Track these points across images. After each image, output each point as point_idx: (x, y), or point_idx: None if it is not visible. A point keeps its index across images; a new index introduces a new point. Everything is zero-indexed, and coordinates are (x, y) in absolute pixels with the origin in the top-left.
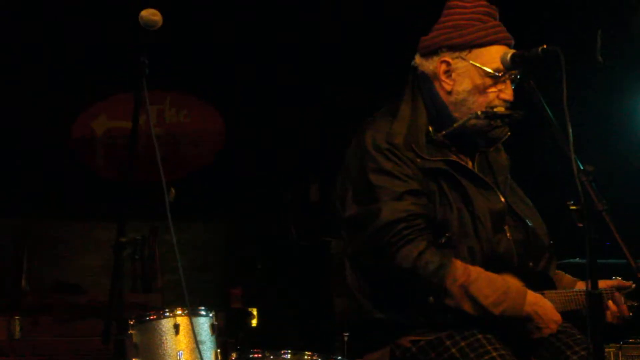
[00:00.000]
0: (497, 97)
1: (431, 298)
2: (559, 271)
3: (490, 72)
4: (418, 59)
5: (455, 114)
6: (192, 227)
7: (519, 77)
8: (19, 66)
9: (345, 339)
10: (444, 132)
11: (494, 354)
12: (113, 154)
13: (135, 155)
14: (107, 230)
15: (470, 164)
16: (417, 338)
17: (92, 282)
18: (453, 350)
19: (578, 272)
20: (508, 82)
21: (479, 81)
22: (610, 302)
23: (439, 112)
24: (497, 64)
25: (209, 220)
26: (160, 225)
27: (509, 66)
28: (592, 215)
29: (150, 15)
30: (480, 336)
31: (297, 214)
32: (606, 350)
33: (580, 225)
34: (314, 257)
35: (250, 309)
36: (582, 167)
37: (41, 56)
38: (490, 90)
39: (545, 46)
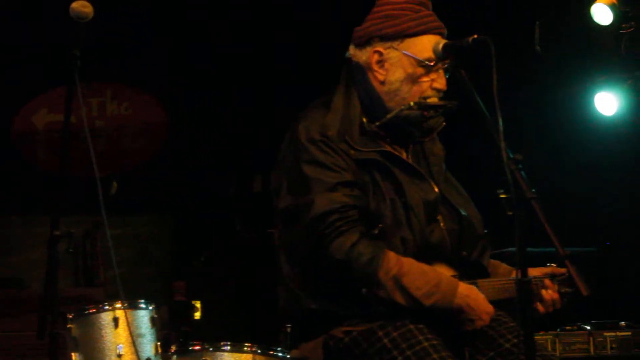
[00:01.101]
0: (430, 86)
1: (364, 290)
2: (495, 261)
3: (422, 61)
4: (352, 50)
5: (389, 104)
6: (136, 221)
7: (452, 66)
8: None
9: (288, 330)
10: (377, 123)
11: (426, 344)
12: (54, 147)
13: (69, 149)
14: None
15: (404, 155)
16: (350, 328)
17: (35, 276)
18: (385, 340)
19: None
20: (441, 71)
21: (411, 70)
22: (543, 290)
23: (373, 102)
24: (430, 54)
25: (153, 213)
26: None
27: (441, 55)
28: (521, 204)
29: (81, 7)
30: (412, 326)
31: (240, 206)
32: (544, 338)
33: (510, 213)
34: (257, 248)
35: (193, 302)
36: (511, 156)
37: None
38: (423, 79)
39: (476, 36)
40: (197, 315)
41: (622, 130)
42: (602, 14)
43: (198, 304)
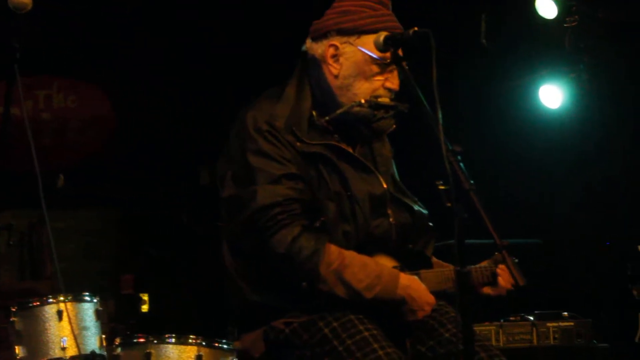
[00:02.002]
0: (383, 85)
1: (304, 283)
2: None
3: (377, 59)
4: (308, 43)
5: (341, 99)
6: (83, 214)
7: (393, 58)
8: None
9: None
10: (327, 118)
11: (366, 333)
12: None
13: (7, 142)
14: None
15: (351, 151)
16: (291, 320)
17: None
18: (326, 330)
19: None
20: (395, 72)
21: (365, 67)
22: (501, 272)
23: (324, 96)
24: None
25: (100, 206)
26: (50, 213)
27: (382, 48)
28: (460, 195)
29: None
30: (352, 317)
31: (188, 198)
32: (487, 328)
33: (449, 204)
34: (205, 241)
35: (141, 295)
36: (450, 147)
37: None
38: (376, 77)
39: (416, 29)
40: (145, 308)
41: (567, 123)
42: (546, 8)
43: (146, 297)
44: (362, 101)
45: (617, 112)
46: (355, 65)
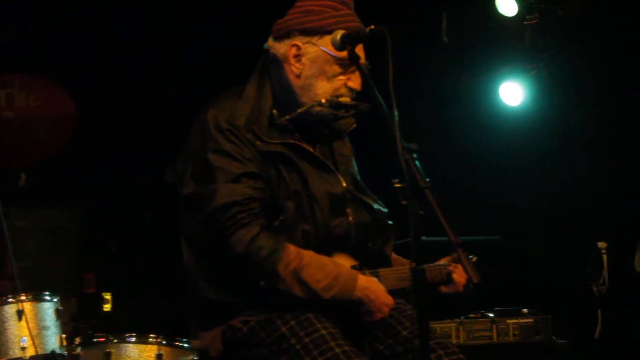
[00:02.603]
0: (345, 84)
1: (262, 282)
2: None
3: (339, 59)
4: (270, 42)
5: (302, 99)
6: (45, 212)
7: (369, 67)
8: None
9: None
10: (287, 117)
11: (324, 332)
12: None
13: None
14: None
15: (311, 150)
16: (248, 318)
17: None
18: (283, 329)
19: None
20: (357, 72)
21: (327, 67)
22: (456, 270)
23: (286, 96)
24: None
25: (62, 205)
26: (10, 212)
27: (339, 47)
28: (415, 193)
29: None
30: (310, 315)
31: (151, 196)
32: (448, 325)
33: (404, 202)
34: (167, 240)
35: (103, 294)
36: (406, 145)
37: None
38: (338, 77)
39: (372, 27)
40: (108, 307)
41: (527, 120)
42: (506, 6)
43: (108, 296)
44: (323, 101)
45: (578, 109)
46: (317, 65)
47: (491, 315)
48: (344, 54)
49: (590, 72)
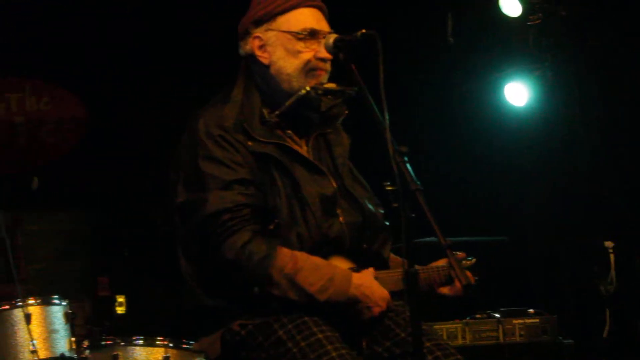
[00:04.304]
0: (315, 57)
1: (256, 289)
2: (397, 256)
3: (298, 33)
4: (240, 46)
5: (283, 85)
6: (57, 216)
7: (343, 60)
8: None
9: None
10: (277, 112)
11: (320, 335)
12: None
13: None
14: None
15: (304, 147)
16: (246, 322)
17: None
18: (280, 332)
19: (426, 252)
20: (322, 40)
21: (289, 45)
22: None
23: (270, 90)
24: (304, 25)
25: (75, 208)
26: (23, 216)
27: (332, 50)
28: (407, 195)
29: None
30: (307, 318)
31: (163, 199)
32: (453, 326)
33: (396, 205)
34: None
35: (117, 297)
36: (397, 148)
37: None
38: (304, 52)
39: (364, 30)
40: (122, 310)
41: (533, 120)
42: (510, 6)
43: (122, 299)
44: (308, 88)
45: (582, 109)
46: (280, 46)
47: (497, 315)
48: (302, 27)
49: (594, 72)
